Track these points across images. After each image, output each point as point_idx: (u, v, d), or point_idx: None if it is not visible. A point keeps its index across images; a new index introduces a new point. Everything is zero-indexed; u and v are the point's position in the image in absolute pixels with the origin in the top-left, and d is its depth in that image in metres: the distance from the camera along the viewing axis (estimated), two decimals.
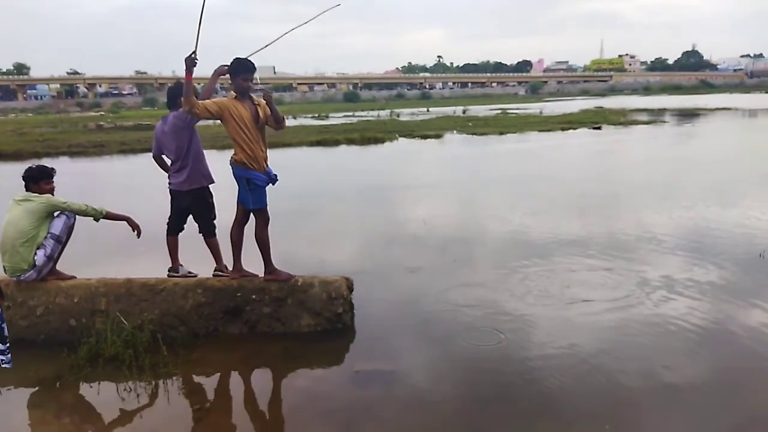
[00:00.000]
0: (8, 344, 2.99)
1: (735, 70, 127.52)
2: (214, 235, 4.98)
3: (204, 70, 4.58)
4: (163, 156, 5.01)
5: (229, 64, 4.38)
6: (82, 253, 5.36)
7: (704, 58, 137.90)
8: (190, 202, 4.88)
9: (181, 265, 4.98)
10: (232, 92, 4.41)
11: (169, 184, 4.92)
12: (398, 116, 36.07)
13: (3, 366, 2.99)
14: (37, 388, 3.84)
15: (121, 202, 5.07)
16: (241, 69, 4.31)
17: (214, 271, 4.94)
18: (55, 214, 4.55)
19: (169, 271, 4.94)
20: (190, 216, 5.00)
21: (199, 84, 4.88)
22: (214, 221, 4.98)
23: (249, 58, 4.34)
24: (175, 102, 4.76)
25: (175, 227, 4.99)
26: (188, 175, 4.79)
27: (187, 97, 4.09)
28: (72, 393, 3.78)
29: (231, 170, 4.46)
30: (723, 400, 3.49)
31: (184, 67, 4.09)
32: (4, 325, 3.00)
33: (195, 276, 4.88)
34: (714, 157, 14.71)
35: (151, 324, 4.25)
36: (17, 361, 3.40)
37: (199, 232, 4.99)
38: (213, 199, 4.97)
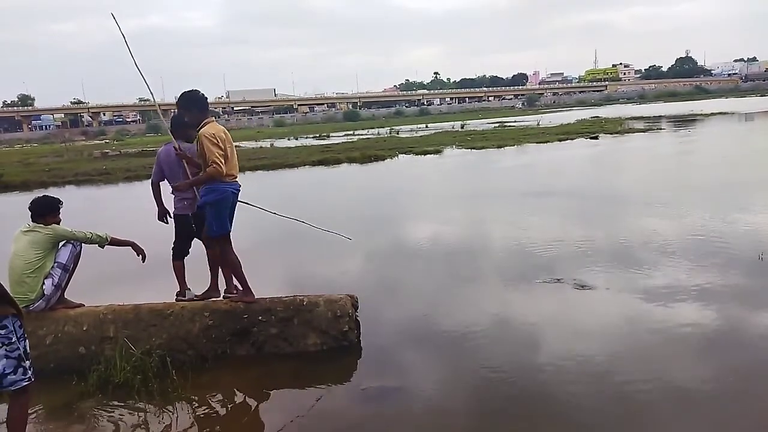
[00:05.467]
0: (30, 359, 3.08)
1: (729, 75, 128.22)
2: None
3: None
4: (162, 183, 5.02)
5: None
6: (90, 281, 5.40)
7: (698, 63, 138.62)
8: (196, 223, 4.89)
9: (188, 289, 5.02)
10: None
11: (175, 209, 4.97)
12: (398, 133, 36.29)
13: (31, 381, 3.07)
14: (48, 416, 3.87)
15: (126, 228, 5.11)
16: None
17: (224, 292, 4.97)
18: (61, 243, 4.61)
19: (177, 295, 4.98)
20: (194, 240, 5.03)
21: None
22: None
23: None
24: (178, 131, 4.88)
25: (180, 251, 5.04)
26: (193, 199, 4.84)
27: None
28: (83, 421, 3.80)
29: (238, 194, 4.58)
30: (735, 406, 3.50)
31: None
32: (27, 343, 3.08)
33: (201, 299, 4.91)
34: (711, 162, 14.77)
35: (159, 349, 4.29)
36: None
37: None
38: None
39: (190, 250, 5.07)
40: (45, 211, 4.60)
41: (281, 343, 4.57)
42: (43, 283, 4.48)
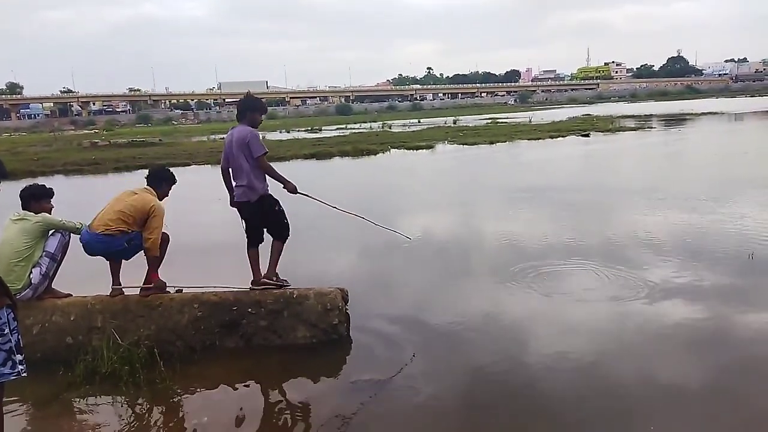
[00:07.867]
0: (23, 354, 2.99)
1: (720, 75, 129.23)
2: (282, 238, 4.81)
3: (191, 86, 4.65)
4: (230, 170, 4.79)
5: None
6: (78, 271, 5.35)
7: (689, 63, 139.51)
8: (256, 211, 4.72)
9: (277, 275, 4.81)
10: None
11: (235, 196, 4.79)
12: (390, 128, 36.28)
13: (22, 375, 2.97)
14: (34, 406, 3.84)
15: None
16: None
17: (251, 283, 4.79)
18: (50, 232, 4.58)
19: (251, 284, 4.78)
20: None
21: (180, 100, 4.90)
22: (286, 226, 4.82)
23: None
24: (244, 115, 4.74)
25: (249, 239, 4.83)
26: (247, 187, 4.66)
27: None
28: (69, 411, 3.78)
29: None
30: (723, 402, 3.53)
31: None
32: (20, 336, 2.98)
33: (287, 283, 4.78)
34: (700, 160, 14.91)
35: (147, 340, 4.27)
36: (14, 381, 3.41)
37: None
38: (279, 206, 4.77)
39: (263, 237, 4.85)
40: (39, 195, 4.61)
41: (270, 336, 4.56)
42: (31, 272, 4.45)
